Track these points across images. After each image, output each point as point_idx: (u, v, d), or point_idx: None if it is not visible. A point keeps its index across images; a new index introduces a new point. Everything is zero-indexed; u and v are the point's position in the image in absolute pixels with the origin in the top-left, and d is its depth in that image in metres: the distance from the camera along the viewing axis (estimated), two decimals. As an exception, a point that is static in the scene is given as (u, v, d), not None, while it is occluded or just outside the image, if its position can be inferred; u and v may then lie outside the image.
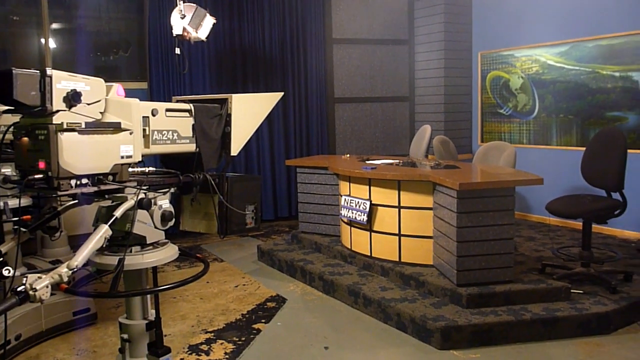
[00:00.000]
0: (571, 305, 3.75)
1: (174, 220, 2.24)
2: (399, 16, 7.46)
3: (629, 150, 4.19)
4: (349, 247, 4.87)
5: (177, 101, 2.53)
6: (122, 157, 2.06)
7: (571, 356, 3.39)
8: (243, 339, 3.74)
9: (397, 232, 4.40)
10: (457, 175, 4.06)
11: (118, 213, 2.03)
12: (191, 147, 2.35)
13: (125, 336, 2.31)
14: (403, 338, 3.68)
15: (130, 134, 2.08)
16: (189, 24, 5.14)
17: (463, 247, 3.81)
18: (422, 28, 7.33)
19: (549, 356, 3.39)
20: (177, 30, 5.16)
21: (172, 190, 2.30)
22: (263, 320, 4.05)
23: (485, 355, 3.42)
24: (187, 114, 2.34)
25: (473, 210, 3.79)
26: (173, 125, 2.28)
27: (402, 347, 3.56)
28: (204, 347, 3.62)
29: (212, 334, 3.82)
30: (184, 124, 2.32)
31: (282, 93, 2.84)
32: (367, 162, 5.19)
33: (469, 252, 3.82)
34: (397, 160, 5.25)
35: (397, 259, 4.43)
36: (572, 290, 3.91)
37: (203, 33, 5.29)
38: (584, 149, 4.43)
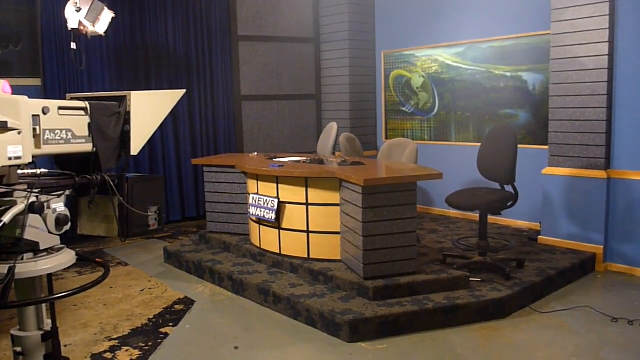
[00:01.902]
0: (470, 293, 3.96)
1: (70, 224, 2.13)
2: (304, 14, 7.51)
3: (519, 146, 4.48)
4: (258, 245, 4.85)
5: (72, 99, 2.40)
6: (10, 159, 1.93)
7: (470, 341, 3.57)
8: (150, 344, 3.63)
9: (305, 229, 4.44)
10: (362, 171, 4.16)
11: (6, 218, 1.90)
12: (87, 147, 2.24)
13: (19, 349, 2.17)
14: (313, 333, 3.73)
15: (19, 133, 1.95)
16: (86, 17, 4.88)
17: (369, 242, 3.91)
18: (328, 27, 7.44)
19: (450, 342, 3.56)
20: (72, 24, 4.88)
21: (68, 192, 2.19)
22: (171, 324, 3.95)
23: (392, 345, 3.53)
24: (82, 112, 2.23)
25: (377, 205, 3.90)
26: (67, 124, 2.16)
27: (312, 342, 3.60)
28: (108, 355, 3.47)
29: (117, 341, 3.68)
30: (79, 123, 2.21)
31: (184, 90, 2.78)
32: (274, 159, 5.19)
33: (374, 246, 3.93)
34: (305, 158, 5.29)
35: (306, 256, 4.47)
36: (470, 279, 4.13)
37: (101, 27, 5.05)
38: (479, 144, 4.69)
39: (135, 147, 2.40)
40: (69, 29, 4.93)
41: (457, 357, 3.38)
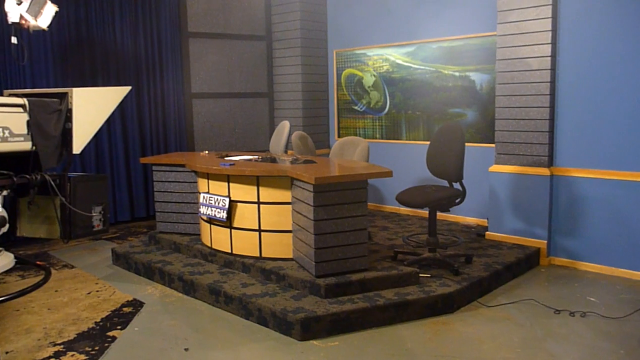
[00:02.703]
0: (420, 289, 4.02)
1: (8, 226, 2.05)
2: (256, 12, 7.46)
3: (467, 144, 4.59)
4: (209, 245, 4.79)
5: (10, 95, 2.31)
6: (-59, 158, 1.84)
7: (420, 336, 3.63)
8: (97, 348, 3.53)
9: (257, 228, 4.42)
10: (314, 169, 4.16)
11: (-63, 220, 1.81)
12: (26, 146, 2.17)
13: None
14: (265, 332, 3.71)
15: (-50, 131, 1.86)
16: (27, 11, 4.70)
17: (320, 240, 3.92)
18: (279, 25, 7.41)
19: (401, 337, 3.61)
20: (13, 18, 4.69)
21: (5, 193, 2.10)
22: (119, 327, 3.85)
23: (344, 342, 3.55)
24: (20, 109, 2.15)
25: (329, 203, 3.91)
26: (4, 122, 2.08)
27: (263, 342, 3.59)
28: (52, 361, 3.37)
29: (62, 346, 3.56)
30: (17, 120, 2.13)
31: (130, 87, 2.72)
32: (225, 158, 5.14)
33: (326, 244, 3.94)
34: (257, 156, 5.26)
35: (258, 255, 4.45)
36: (420, 275, 4.20)
37: (44, 22, 4.86)
38: (429, 143, 4.77)
39: (78, 146, 2.34)
40: (9, 23, 4.74)
41: (407, 351, 3.43)
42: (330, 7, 7.34)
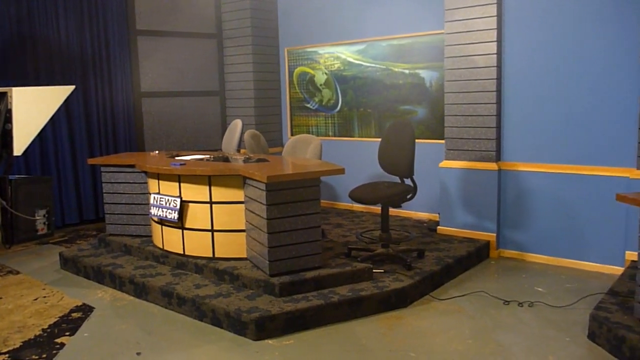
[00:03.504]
0: (374, 284, 4.06)
1: (-57, 231, 1.96)
2: (206, 10, 7.37)
3: (417, 140, 4.66)
4: (161, 247, 4.71)
5: (-56, 95, 2.21)
6: None
7: (375, 331, 3.67)
8: (44, 356, 3.42)
9: (209, 228, 4.37)
10: (266, 168, 4.15)
11: None
12: (-38, 148, 2.08)
13: None
14: (219, 333, 3.68)
15: None
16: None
17: (274, 238, 3.91)
18: (230, 23, 7.34)
19: (355, 334, 3.64)
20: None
21: (-60, 197, 2.01)
22: (67, 333, 3.74)
23: (299, 340, 3.55)
24: (-46, 110, 2.06)
25: (282, 201, 3.91)
26: (-63, 123, 1.99)
27: (218, 343, 3.55)
28: (-4, 371, 3.25)
29: (7, 355, 3.43)
30: (-48, 122, 2.04)
31: (73, 86, 2.64)
32: (176, 158, 5.06)
33: (279, 242, 3.93)
34: (208, 156, 5.20)
35: (211, 255, 4.40)
36: (374, 270, 4.24)
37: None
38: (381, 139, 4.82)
39: (19, 147, 2.26)
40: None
41: (361, 347, 3.46)
42: (281, 5, 7.31)
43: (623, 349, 3.15)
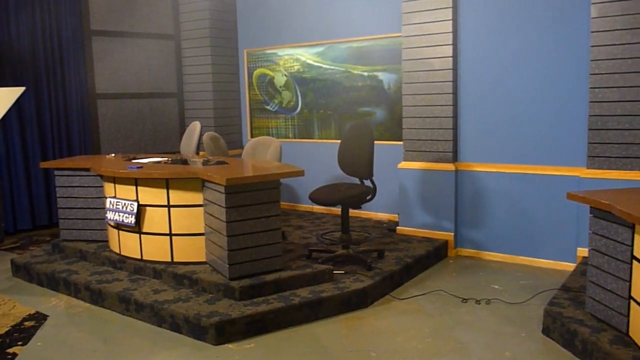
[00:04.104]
0: (334, 286, 4.08)
1: None
2: (163, 10, 7.26)
3: (376, 142, 4.71)
4: (118, 252, 4.62)
5: None
6: None
7: (336, 332, 3.69)
8: (-6, 367, 3.31)
9: (168, 232, 4.31)
10: (225, 170, 4.11)
11: None
12: None
13: None
14: (178, 339, 3.62)
15: None
16: None
17: (233, 241, 3.88)
18: (188, 23, 7.26)
19: (316, 335, 3.64)
20: None
21: None
22: (20, 343, 3.62)
23: (259, 343, 3.54)
24: None
25: (241, 204, 3.88)
26: None
27: (177, 349, 3.50)
28: (-57, 385, 3.12)
29: (-46, 368, 3.31)
30: None
31: (24, 88, 2.57)
32: (133, 161, 4.96)
33: (239, 245, 3.91)
34: (166, 158, 5.12)
35: (170, 260, 4.33)
36: (334, 272, 4.26)
37: None
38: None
39: (-36, 152, 2.17)
40: None
41: (322, 349, 3.47)
42: (240, 6, 7.27)
43: (575, 343, 3.25)
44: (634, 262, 3.00)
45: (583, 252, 4.53)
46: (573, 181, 4.64)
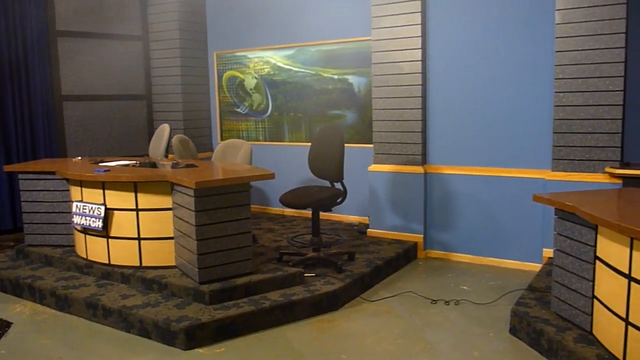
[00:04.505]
0: (305, 289, 4.08)
1: None
2: (130, 11, 7.17)
3: (347, 145, 4.73)
4: (85, 257, 4.53)
5: None
6: None
7: (306, 335, 3.69)
8: (-45, 376, 3.22)
9: (136, 236, 4.25)
10: (195, 174, 4.08)
11: None
12: None
13: None
14: (147, 345, 3.57)
15: None
16: None
17: (203, 245, 3.85)
18: (156, 25, 7.17)
19: (287, 339, 3.64)
20: None
21: None
22: (-18, 351, 3.54)
23: (230, 348, 3.51)
24: None
25: (211, 207, 3.85)
26: None
27: (146, 355, 3.45)
28: None
29: None
30: None
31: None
32: (100, 164, 4.88)
33: (209, 249, 3.88)
34: (134, 161, 5.05)
35: (138, 264, 4.28)
36: (305, 275, 4.26)
37: None
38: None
39: None
40: None
41: (293, 352, 3.46)
42: (210, 8, 7.23)
43: (541, 342, 3.32)
44: (597, 262, 3.08)
45: (549, 252, 4.62)
46: (539, 183, 4.74)
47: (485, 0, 4.94)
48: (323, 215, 5.86)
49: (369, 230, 5.65)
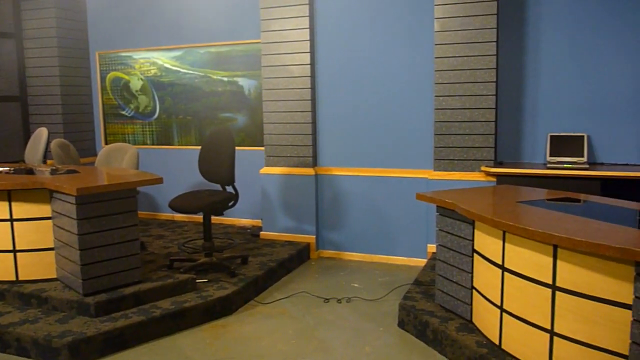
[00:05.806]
0: (197, 295, 4.00)
1: None
2: (1, 6, 6.64)
3: (237, 148, 4.70)
4: (-49, 273, 4.14)
5: None
6: None
7: (199, 342, 3.62)
8: None
9: (11, 248, 3.94)
10: (76, 180, 3.86)
11: None
12: None
13: None
14: (25, 364, 3.34)
15: None
16: None
17: (87, 255, 3.66)
18: (31, 22, 6.70)
19: (179, 347, 3.55)
20: None
21: None
22: None
23: (118, 360, 3.37)
24: None
25: (94, 215, 3.67)
26: None
27: (24, 375, 3.23)
28: None
29: None
30: None
31: None
32: (-32, 172, 4.48)
33: (93, 259, 3.69)
34: (8, 168, 4.69)
35: (14, 278, 3.97)
36: (197, 281, 4.18)
37: None
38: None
39: None
40: None
41: (186, 359, 3.39)
42: (91, 6, 6.87)
43: (427, 333, 3.50)
44: (475, 255, 3.30)
45: (432, 248, 4.89)
46: (422, 183, 4.99)
47: (370, 7, 5.12)
48: (215, 219, 5.80)
49: (262, 232, 5.65)
